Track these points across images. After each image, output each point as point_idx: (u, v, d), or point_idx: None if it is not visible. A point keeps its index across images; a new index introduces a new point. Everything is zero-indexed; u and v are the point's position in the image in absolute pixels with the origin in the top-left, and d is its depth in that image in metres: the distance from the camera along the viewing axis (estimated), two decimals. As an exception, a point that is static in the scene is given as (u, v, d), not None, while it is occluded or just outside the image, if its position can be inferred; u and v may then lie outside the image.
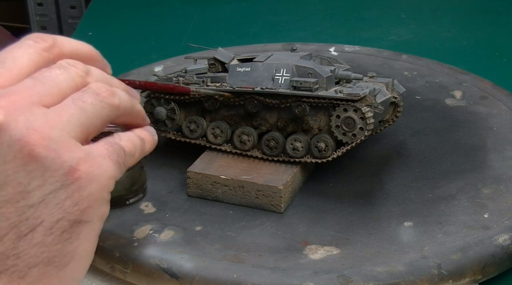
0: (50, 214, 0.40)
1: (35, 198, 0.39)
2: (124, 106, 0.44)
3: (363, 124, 0.58)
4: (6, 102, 0.40)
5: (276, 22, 1.07)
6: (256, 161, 0.62)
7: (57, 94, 0.42)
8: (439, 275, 0.51)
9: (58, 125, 0.40)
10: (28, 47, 0.43)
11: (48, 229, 0.40)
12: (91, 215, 0.41)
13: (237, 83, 0.61)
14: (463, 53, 0.96)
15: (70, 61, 0.43)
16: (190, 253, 0.53)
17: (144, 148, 0.47)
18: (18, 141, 0.39)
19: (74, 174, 0.40)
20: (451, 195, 0.61)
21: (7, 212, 0.39)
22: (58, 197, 0.40)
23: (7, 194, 0.39)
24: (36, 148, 0.39)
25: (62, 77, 0.42)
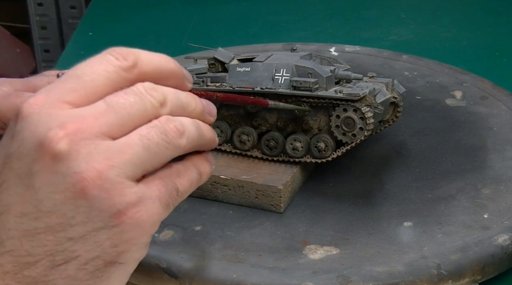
0: (87, 250, 0.40)
1: (76, 232, 0.39)
2: (189, 145, 0.43)
3: (363, 124, 0.58)
4: (73, 129, 0.39)
5: (276, 22, 1.07)
6: (256, 161, 0.62)
7: (127, 126, 0.40)
8: (439, 275, 0.51)
9: (117, 164, 0.39)
10: (108, 64, 0.41)
11: (82, 264, 0.40)
12: (127, 258, 0.41)
13: (237, 83, 0.61)
14: (463, 53, 0.96)
15: (147, 86, 0.42)
16: (190, 253, 0.53)
17: (199, 183, 0.45)
18: (74, 174, 0.38)
19: (120, 218, 0.39)
20: (451, 195, 0.61)
21: (46, 239, 0.39)
22: (98, 236, 0.39)
23: (50, 222, 0.39)
24: (89, 186, 0.38)
25: (136, 107, 0.41)
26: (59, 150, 0.38)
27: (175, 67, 0.45)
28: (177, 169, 0.43)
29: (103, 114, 0.40)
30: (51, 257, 0.39)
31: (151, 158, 0.41)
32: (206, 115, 0.46)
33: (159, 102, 0.42)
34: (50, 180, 0.39)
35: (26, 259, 0.39)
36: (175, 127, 0.42)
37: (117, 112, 0.40)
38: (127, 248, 0.41)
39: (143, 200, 0.40)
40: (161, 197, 0.41)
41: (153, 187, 0.41)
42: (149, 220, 0.41)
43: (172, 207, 0.43)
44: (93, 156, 0.39)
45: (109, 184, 0.39)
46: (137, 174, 0.40)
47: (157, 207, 0.41)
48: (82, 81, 0.41)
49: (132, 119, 0.41)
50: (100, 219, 0.39)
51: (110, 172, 0.39)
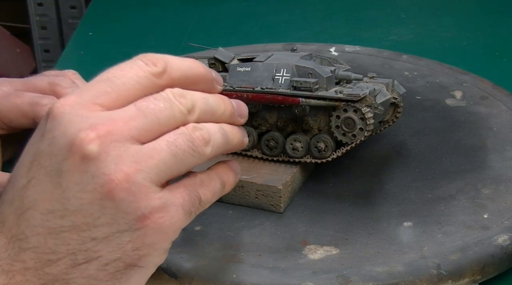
0: (109, 251, 0.40)
1: (100, 233, 0.40)
2: (214, 153, 0.44)
3: (363, 124, 0.58)
4: (104, 131, 0.39)
5: (276, 22, 1.07)
6: (256, 161, 0.62)
7: (155, 131, 0.41)
8: (438, 275, 0.51)
9: (145, 168, 0.40)
10: (139, 69, 0.42)
11: (103, 265, 0.40)
12: (147, 262, 0.41)
13: (237, 83, 0.61)
14: (463, 53, 0.96)
15: (176, 92, 0.43)
16: (190, 253, 0.53)
17: (223, 193, 0.46)
18: (103, 175, 0.39)
19: (144, 222, 0.40)
20: (450, 195, 0.61)
21: (70, 237, 0.40)
22: (121, 238, 0.40)
23: (76, 221, 0.40)
24: (117, 188, 0.39)
25: (165, 113, 0.41)
26: (90, 151, 0.39)
27: (204, 71, 0.45)
28: (201, 179, 0.44)
29: (134, 118, 0.41)
30: (73, 256, 0.40)
31: (177, 164, 0.41)
32: (236, 117, 0.47)
33: (187, 109, 0.43)
34: (79, 179, 0.39)
35: (49, 256, 0.40)
36: (201, 136, 0.42)
37: (147, 117, 0.41)
38: (148, 252, 0.41)
39: (167, 206, 0.41)
40: (184, 205, 0.42)
41: (177, 195, 0.42)
42: (171, 226, 0.41)
43: (194, 216, 0.43)
44: (122, 159, 0.39)
45: (136, 187, 0.40)
46: (163, 179, 0.41)
47: (180, 214, 0.42)
48: (114, 84, 0.41)
49: (161, 124, 0.41)
50: (125, 222, 0.40)
51: (137, 175, 0.40)
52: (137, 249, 0.41)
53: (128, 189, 0.39)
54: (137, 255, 0.41)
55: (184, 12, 1.11)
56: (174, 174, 0.42)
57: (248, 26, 1.07)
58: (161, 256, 0.43)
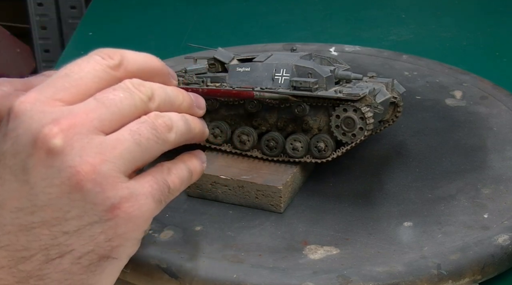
0: (82, 244, 0.40)
1: (71, 226, 0.40)
2: (178, 140, 0.44)
3: (363, 124, 0.58)
4: (66, 125, 0.40)
5: (276, 22, 1.07)
6: (256, 161, 0.62)
7: (118, 120, 0.42)
8: (439, 275, 0.51)
9: (110, 158, 0.40)
10: (95, 63, 0.43)
11: (77, 258, 0.40)
12: (120, 253, 0.42)
13: (237, 83, 0.61)
14: (463, 53, 0.96)
15: (135, 82, 0.43)
16: (190, 253, 0.53)
17: (191, 181, 0.47)
18: (69, 168, 0.39)
19: (114, 212, 0.40)
20: (450, 195, 0.61)
21: (41, 233, 0.40)
22: (93, 230, 0.40)
23: (45, 216, 0.40)
24: (84, 180, 0.39)
25: (126, 102, 0.42)
26: (54, 145, 0.39)
27: (159, 65, 0.47)
28: (168, 167, 0.45)
29: (94, 110, 0.41)
30: (46, 251, 0.40)
31: (142, 153, 0.42)
32: (194, 108, 0.48)
33: (147, 96, 0.43)
34: (45, 174, 0.39)
35: (22, 253, 0.40)
36: (164, 122, 0.43)
37: (108, 108, 0.42)
38: (120, 243, 0.41)
39: (136, 196, 0.41)
40: (153, 194, 0.42)
41: (145, 184, 0.42)
42: (141, 215, 0.41)
43: (164, 204, 0.43)
44: (87, 150, 0.40)
45: (103, 178, 0.40)
46: (129, 169, 0.41)
47: (150, 203, 0.42)
48: (72, 79, 0.42)
49: (122, 114, 0.42)
50: (95, 213, 0.40)
51: (103, 166, 0.40)
52: (109, 240, 0.41)
53: (94, 180, 0.40)
54: (110, 246, 0.41)
55: (184, 12, 1.11)
56: (140, 163, 0.42)
57: (248, 26, 1.07)
58: (134, 247, 0.43)
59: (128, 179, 0.41)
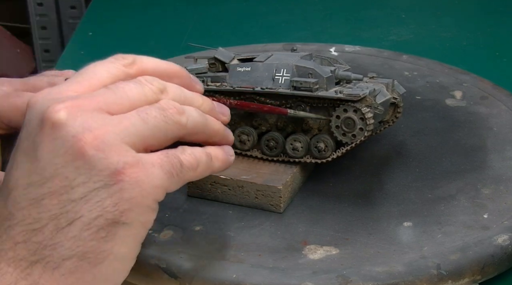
0: (90, 210, 0.41)
1: (77, 193, 0.41)
2: (192, 126, 0.45)
3: (363, 124, 0.58)
4: (71, 103, 0.41)
5: (276, 22, 1.07)
6: (255, 161, 0.62)
7: (125, 105, 0.43)
8: (438, 275, 0.51)
9: (114, 130, 0.41)
10: (109, 63, 0.45)
11: (86, 224, 0.41)
12: (130, 218, 0.42)
13: (237, 83, 0.61)
14: (463, 53, 0.96)
15: (148, 77, 0.44)
16: (189, 253, 0.53)
17: (211, 165, 0.47)
18: (72, 137, 0.41)
19: (118, 176, 0.41)
20: (450, 195, 0.61)
21: (50, 203, 0.41)
22: (99, 196, 0.41)
23: (53, 186, 0.41)
24: (86, 146, 0.40)
25: (135, 91, 0.43)
26: (58, 118, 0.41)
27: (177, 68, 0.48)
28: (182, 148, 0.45)
29: (102, 94, 0.43)
30: (56, 221, 0.41)
31: (150, 130, 0.43)
32: (217, 113, 0.48)
33: (159, 89, 0.44)
34: (51, 147, 0.41)
35: (34, 226, 0.41)
36: (173, 106, 0.44)
37: (116, 93, 0.43)
38: (128, 207, 0.41)
39: (142, 163, 0.42)
40: (162, 164, 0.43)
41: (153, 156, 0.43)
42: (148, 181, 0.42)
43: (177, 179, 0.44)
44: (90, 122, 0.41)
45: (106, 145, 0.41)
46: (135, 143, 0.42)
47: (158, 171, 0.42)
48: (85, 74, 0.44)
49: (131, 100, 0.43)
50: (100, 178, 0.41)
51: (106, 135, 0.41)
52: (116, 204, 0.41)
53: (97, 146, 0.41)
54: (118, 211, 0.41)
55: (184, 12, 1.11)
56: (150, 141, 0.43)
57: (248, 26, 1.07)
58: (146, 215, 0.43)
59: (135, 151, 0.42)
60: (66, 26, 1.58)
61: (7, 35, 1.66)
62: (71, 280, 0.41)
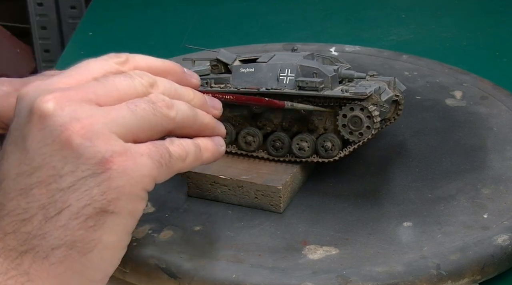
0: (78, 199, 0.41)
1: (65, 182, 0.41)
2: (181, 120, 0.45)
3: (370, 122, 0.58)
4: (60, 94, 0.42)
5: (276, 22, 1.07)
6: (256, 161, 0.62)
7: (115, 97, 0.43)
8: (438, 275, 0.51)
9: (102, 120, 0.41)
10: (102, 60, 0.45)
11: (74, 213, 0.41)
12: (118, 207, 0.42)
13: (242, 84, 0.60)
14: (463, 53, 0.96)
15: (138, 71, 0.45)
16: (189, 253, 0.53)
17: (200, 156, 0.47)
18: (59, 126, 0.41)
19: (106, 165, 0.41)
20: (450, 195, 0.61)
21: (39, 193, 0.41)
22: (87, 184, 0.41)
23: (41, 176, 0.41)
24: (73, 135, 0.41)
25: (124, 83, 0.43)
26: (46, 108, 0.41)
27: (170, 64, 0.48)
28: (171, 140, 0.45)
29: (91, 86, 0.43)
30: (44, 211, 0.41)
31: (138, 121, 0.43)
32: (208, 107, 0.48)
33: (148, 83, 0.45)
34: (39, 136, 0.41)
35: (23, 216, 0.41)
36: (162, 100, 0.44)
37: (106, 86, 0.43)
38: (116, 196, 0.41)
39: (131, 152, 0.42)
40: (150, 154, 0.42)
41: (142, 146, 0.43)
42: (137, 169, 0.42)
43: (166, 168, 0.43)
44: (78, 112, 0.41)
45: (93, 134, 0.41)
46: (124, 134, 0.42)
47: (146, 160, 0.42)
48: (77, 69, 0.45)
49: (120, 91, 0.43)
50: (87, 167, 0.41)
51: (94, 125, 0.41)
52: (104, 193, 0.41)
53: (84, 135, 0.41)
54: (106, 200, 0.41)
55: (184, 12, 1.11)
56: (138, 133, 0.43)
57: (248, 26, 1.07)
58: (134, 203, 0.42)
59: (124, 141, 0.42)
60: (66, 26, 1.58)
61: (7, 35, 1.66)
62: (60, 269, 0.41)
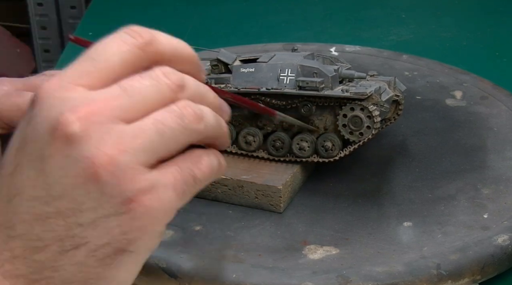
0: (97, 237, 0.39)
1: (86, 218, 0.39)
2: (207, 132, 0.42)
3: (370, 122, 0.58)
4: (85, 112, 0.38)
5: (276, 22, 1.07)
6: (256, 161, 0.62)
7: (141, 110, 0.40)
8: (438, 275, 0.51)
9: (129, 149, 0.39)
10: (123, 43, 0.40)
11: (92, 251, 0.39)
12: (137, 246, 0.40)
13: (242, 84, 0.60)
14: (463, 53, 0.96)
15: (165, 70, 0.41)
16: (189, 252, 0.53)
17: (218, 173, 0.44)
18: (85, 158, 0.38)
19: (130, 205, 0.39)
20: (450, 195, 0.61)
21: (56, 224, 0.39)
22: (108, 223, 0.39)
23: (60, 206, 0.39)
24: (100, 171, 0.38)
25: (151, 90, 0.40)
26: (71, 134, 0.38)
27: (191, 52, 0.43)
28: (198, 154, 0.42)
29: (116, 98, 0.39)
30: (61, 243, 0.39)
31: (165, 143, 0.40)
32: (222, 111, 0.46)
33: (177, 85, 0.41)
34: (61, 164, 0.38)
35: (36, 243, 0.39)
36: (193, 111, 0.41)
37: (131, 96, 0.40)
38: (137, 236, 0.40)
39: (156, 188, 0.39)
40: (176, 185, 0.40)
41: (167, 175, 0.40)
42: (161, 208, 0.40)
43: (188, 195, 0.42)
44: (105, 140, 0.38)
45: (120, 170, 0.38)
46: (151, 160, 0.40)
47: (171, 195, 0.40)
48: (96, 62, 0.40)
49: (147, 102, 0.40)
50: (110, 206, 0.39)
51: (121, 157, 0.38)
52: (125, 233, 0.39)
53: (111, 172, 0.38)
54: (126, 240, 0.39)
55: (184, 12, 1.11)
56: (163, 153, 0.40)
57: (248, 26, 1.06)
58: (154, 240, 0.41)
59: (149, 169, 0.39)
60: (66, 26, 1.58)
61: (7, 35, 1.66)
62: None
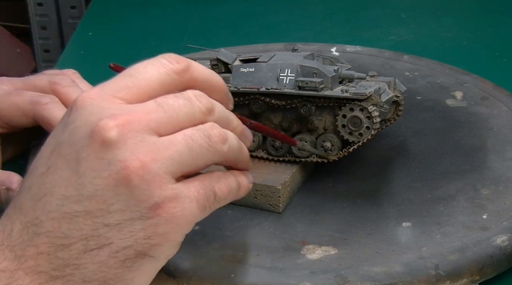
0: (121, 239, 0.41)
1: (113, 219, 0.40)
2: (230, 155, 0.45)
3: (370, 123, 0.58)
4: (124, 120, 0.41)
5: (276, 22, 1.07)
6: (255, 161, 0.62)
7: (174, 125, 0.42)
8: (437, 275, 0.51)
9: (160, 158, 0.41)
10: (161, 66, 0.44)
11: (114, 252, 0.41)
12: (158, 252, 0.42)
13: (242, 84, 0.60)
14: (463, 53, 0.96)
15: (197, 93, 0.44)
16: (188, 252, 0.53)
17: (238, 194, 0.47)
18: (119, 162, 0.40)
19: (156, 211, 0.41)
20: (450, 195, 0.60)
21: (83, 223, 0.40)
22: (134, 226, 0.41)
23: (90, 206, 0.40)
24: (132, 175, 0.40)
25: (184, 110, 0.43)
26: (108, 138, 0.40)
27: (222, 83, 0.47)
28: (217, 175, 0.45)
29: (152, 112, 0.42)
30: (86, 241, 0.40)
31: (193, 158, 0.42)
32: (245, 137, 0.48)
33: (207, 109, 0.44)
34: (95, 166, 0.40)
35: (62, 241, 0.40)
36: (218, 133, 0.44)
37: (166, 112, 0.42)
38: (159, 242, 0.41)
39: (181, 198, 0.41)
40: (199, 198, 0.43)
41: (191, 188, 0.42)
42: (184, 217, 0.42)
43: (208, 211, 0.44)
44: (139, 147, 0.40)
45: (151, 176, 0.40)
46: (178, 171, 0.42)
47: (193, 207, 0.42)
48: (135, 79, 0.43)
49: (180, 120, 0.43)
50: (138, 209, 0.41)
51: (153, 164, 0.40)
52: (148, 238, 0.41)
53: (142, 177, 0.40)
54: (148, 244, 0.41)
55: (184, 12, 1.11)
56: (189, 168, 0.43)
57: (248, 26, 1.06)
58: (173, 249, 0.43)
59: (176, 181, 0.42)
60: (66, 26, 1.58)
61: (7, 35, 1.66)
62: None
